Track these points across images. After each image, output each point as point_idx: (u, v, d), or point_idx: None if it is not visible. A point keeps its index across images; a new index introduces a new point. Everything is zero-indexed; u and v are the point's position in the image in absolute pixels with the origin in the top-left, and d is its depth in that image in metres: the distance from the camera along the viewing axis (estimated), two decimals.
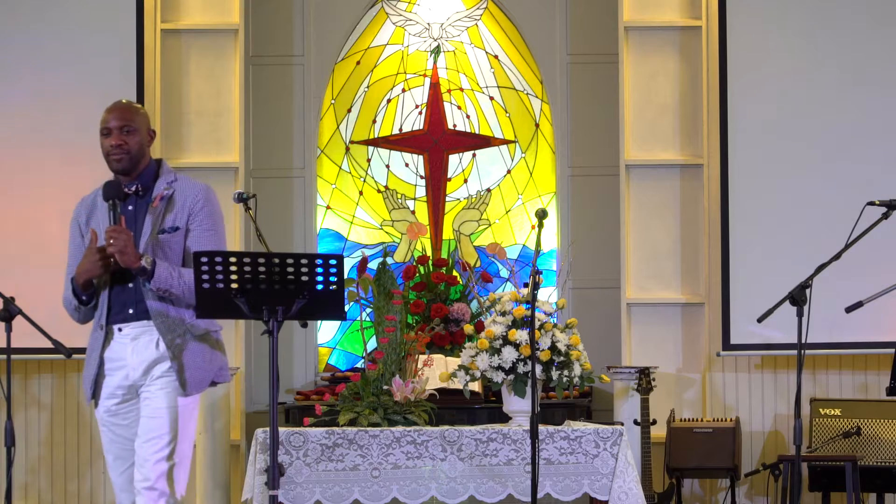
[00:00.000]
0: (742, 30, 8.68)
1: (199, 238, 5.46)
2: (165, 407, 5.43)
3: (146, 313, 5.42)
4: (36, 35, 8.62)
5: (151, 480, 5.38)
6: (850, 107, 8.59)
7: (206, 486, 8.26)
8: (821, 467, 8.17)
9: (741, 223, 8.62)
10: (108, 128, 5.47)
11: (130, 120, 5.48)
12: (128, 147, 5.46)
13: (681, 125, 8.86)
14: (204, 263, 5.00)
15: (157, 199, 5.45)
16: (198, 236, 5.47)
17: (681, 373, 8.79)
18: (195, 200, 5.50)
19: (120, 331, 5.46)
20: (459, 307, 8.70)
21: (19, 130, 8.61)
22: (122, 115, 5.49)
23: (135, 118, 5.50)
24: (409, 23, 9.46)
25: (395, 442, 6.19)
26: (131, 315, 5.44)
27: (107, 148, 5.47)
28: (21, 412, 8.68)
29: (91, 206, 5.57)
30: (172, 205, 5.48)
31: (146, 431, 5.43)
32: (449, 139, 9.43)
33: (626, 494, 6.18)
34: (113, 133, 5.46)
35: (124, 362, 5.46)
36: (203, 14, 8.90)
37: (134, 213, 5.47)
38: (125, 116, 5.49)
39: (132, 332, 5.45)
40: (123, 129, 5.47)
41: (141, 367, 5.44)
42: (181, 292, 5.38)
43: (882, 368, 8.54)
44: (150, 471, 5.39)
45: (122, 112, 5.50)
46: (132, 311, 5.44)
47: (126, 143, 5.46)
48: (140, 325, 5.45)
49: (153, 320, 5.41)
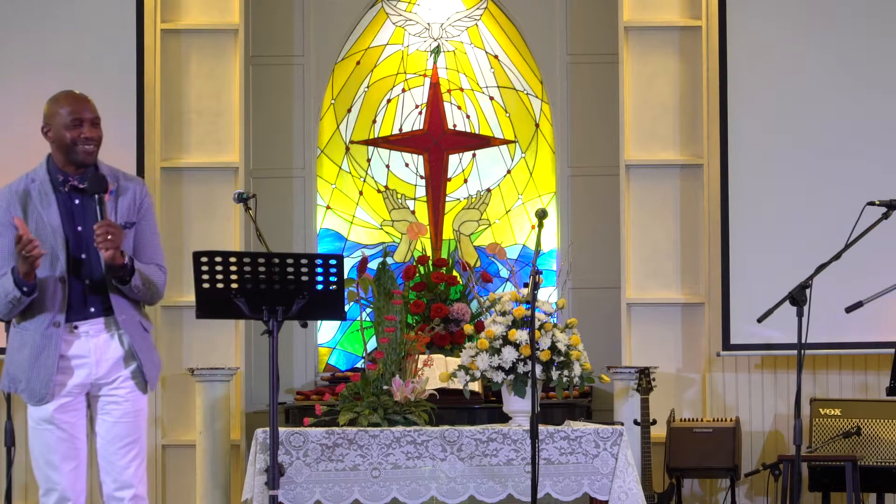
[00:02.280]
0: (742, 30, 8.68)
1: (146, 234, 5.41)
2: (134, 410, 5.40)
3: (109, 310, 5.31)
4: (36, 35, 8.62)
5: (135, 487, 5.39)
6: (850, 107, 8.59)
7: (206, 486, 8.26)
8: (821, 467, 8.17)
9: (741, 223, 8.62)
10: (81, 119, 5.35)
11: (97, 112, 5.41)
12: (98, 139, 5.39)
13: (681, 125, 8.86)
14: (204, 263, 4.99)
15: (106, 195, 5.33)
16: (144, 231, 5.41)
17: (681, 373, 8.79)
18: (141, 195, 5.46)
19: (76, 328, 5.32)
20: (459, 307, 8.70)
21: (19, 130, 8.60)
22: (90, 106, 5.40)
23: (97, 111, 5.42)
24: (409, 23, 9.46)
25: (395, 442, 6.19)
26: (92, 312, 5.32)
27: (74, 138, 5.33)
28: (21, 412, 8.65)
29: (24, 195, 5.35)
30: (119, 200, 5.40)
31: (118, 437, 5.38)
32: (449, 139, 9.43)
33: (626, 494, 6.18)
34: (86, 124, 5.35)
35: (86, 360, 5.34)
36: (203, 14, 8.90)
37: (82, 206, 5.35)
38: (93, 109, 5.40)
39: (90, 329, 5.33)
40: (94, 121, 5.39)
41: (105, 365, 5.35)
42: (146, 289, 5.32)
43: (882, 368, 8.54)
44: (130, 478, 5.37)
45: (89, 103, 5.41)
46: (93, 308, 5.32)
47: (97, 134, 5.38)
48: (99, 322, 5.33)
49: (118, 317, 5.30)
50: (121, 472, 5.37)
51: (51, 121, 5.38)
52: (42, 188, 5.36)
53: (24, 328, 5.34)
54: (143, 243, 5.42)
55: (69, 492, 5.37)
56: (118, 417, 5.38)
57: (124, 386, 5.38)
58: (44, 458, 5.38)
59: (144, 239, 5.42)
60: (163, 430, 8.75)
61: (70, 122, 5.34)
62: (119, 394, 5.38)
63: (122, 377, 5.38)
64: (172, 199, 8.80)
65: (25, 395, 5.39)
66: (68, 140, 5.34)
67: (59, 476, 5.36)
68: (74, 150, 5.35)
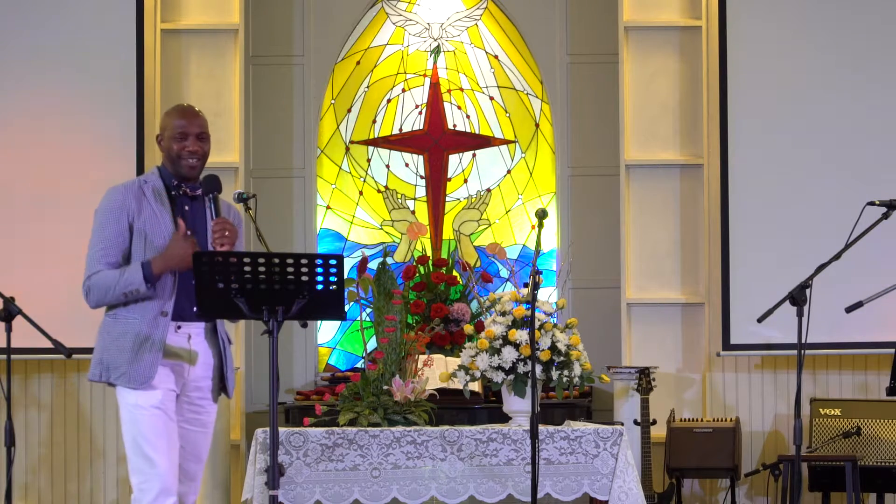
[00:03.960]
0: (742, 30, 8.68)
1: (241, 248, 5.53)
2: (210, 422, 5.51)
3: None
4: (36, 35, 8.62)
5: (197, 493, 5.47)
6: (850, 107, 8.59)
7: (206, 486, 8.26)
8: (821, 467, 8.17)
9: (741, 223, 8.62)
10: (186, 133, 5.44)
11: (204, 127, 5.51)
12: (202, 153, 5.48)
13: (681, 125, 8.86)
14: (204, 263, 4.99)
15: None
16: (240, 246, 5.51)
17: (681, 373, 8.79)
18: (238, 215, 5.59)
19: (179, 328, 5.39)
20: (459, 307, 8.70)
21: (19, 130, 8.61)
22: (199, 121, 5.49)
23: (206, 125, 5.53)
24: (409, 23, 9.46)
25: (395, 442, 6.19)
26: (191, 315, 5.35)
27: (179, 151, 5.43)
28: (21, 412, 8.68)
29: (138, 194, 5.46)
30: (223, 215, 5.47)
31: (198, 448, 5.46)
32: (449, 139, 9.43)
33: (626, 494, 6.18)
34: (190, 138, 5.44)
35: (182, 361, 5.40)
36: (203, 14, 8.90)
37: (192, 212, 5.44)
38: (202, 124, 5.50)
39: (191, 331, 5.40)
40: (199, 135, 5.48)
41: (199, 370, 5.43)
42: None
43: (882, 368, 8.54)
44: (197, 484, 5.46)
45: (198, 118, 5.50)
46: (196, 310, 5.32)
47: (201, 149, 5.48)
48: (200, 326, 5.42)
49: (217, 324, 5.43)
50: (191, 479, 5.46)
51: (163, 131, 5.51)
52: (156, 189, 5.47)
53: (125, 318, 5.35)
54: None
55: (170, 481, 5.31)
56: (198, 427, 5.46)
57: (208, 395, 5.47)
58: (147, 440, 5.30)
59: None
60: None
61: (177, 135, 5.45)
62: (202, 403, 5.47)
63: (207, 386, 5.47)
64: None
65: (124, 380, 5.33)
66: (174, 152, 5.46)
67: (162, 461, 5.29)
68: (179, 162, 5.45)
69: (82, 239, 8.52)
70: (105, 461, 8.73)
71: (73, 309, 8.42)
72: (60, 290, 8.48)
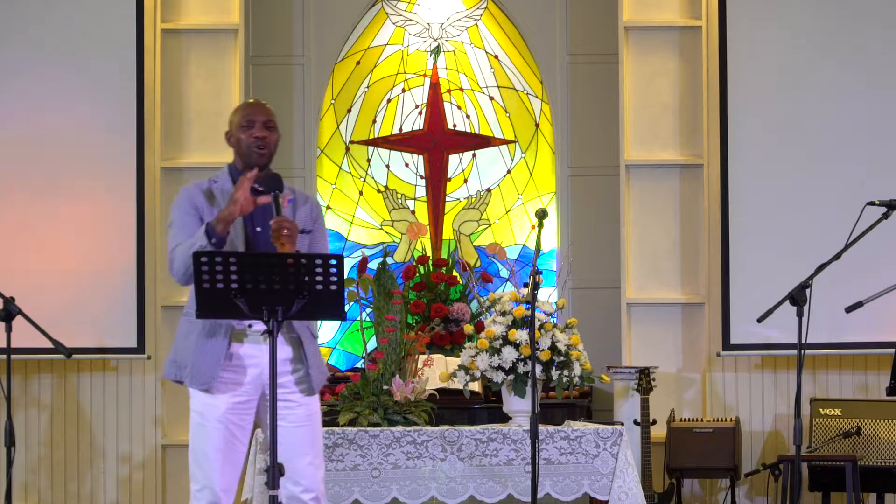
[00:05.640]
0: (742, 30, 8.68)
1: (319, 243, 5.55)
2: (307, 414, 5.41)
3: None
4: (36, 35, 8.62)
5: (316, 492, 5.39)
6: (850, 106, 8.59)
7: None
8: (821, 467, 8.17)
9: (741, 223, 8.62)
10: (252, 120, 5.48)
11: (272, 116, 5.53)
12: (269, 141, 5.49)
13: (681, 125, 8.86)
14: (204, 263, 4.99)
15: (286, 200, 5.44)
16: (318, 240, 5.54)
17: (681, 373, 8.79)
18: (317, 208, 5.60)
19: (250, 326, 5.35)
20: (459, 307, 8.70)
21: (19, 129, 8.61)
22: (264, 110, 5.53)
23: (274, 116, 5.55)
24: (409, 23, 9.46)
25: (395, 442, 6.20)
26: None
27: (247, 140, 5.46)
28: (21, 412, 8.68)
29: (208, 192, 5.50)
30: (298, 209, 5.50)
31: (299, 442, 5.38)
32: (449, 139, 9.43)
33: (626, 494, 6.18)
34: (256, 125, 5.47)
35: (258, 359, 5.36)
36: (203, 14, 8.90)
37: (262, 209, 5.41)
38: (267, 112, 5.53)
39: (262, 329, 5.30)
40: (266, 123, 5.50)
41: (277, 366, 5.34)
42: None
43: (882, 368, 8.54)
44: (311, 480, 5.37)
45: (264, 108, 5.54)
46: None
47: (268, 137, 5.48)
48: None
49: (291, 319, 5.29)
50: (302, 475, 5.37)
51: (230, 126, 5.54)
52: (224, 189, 5.48)
53: (193, 315, 5.31)
54: (316, 250, 5.52)
55: (222, 494, 5.35)
56: (294, 422, 5.39)
57: (294, 390, 5.41)
58: (205, 455, 5.34)
59: (318, 247, 5.55)
60: (163, 430, 8.75)
61: (244, 123, 5.49)
62: (292, 398, 5.40)
63: (290, 381, 5.41)
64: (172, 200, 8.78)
65: (188, 380, 5.36)
66: (243, 142, 5.48)
67: (217, 477, 5.32)
68: (247, 151, 5.47)
69: (82, 238, 8.59)
70: (105, 461, 8.73)
71: (73, 309, 8.47)
72: (60, 290, 8.48)
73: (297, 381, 5.42)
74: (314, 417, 5.45)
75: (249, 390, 5.37)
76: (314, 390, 5.45)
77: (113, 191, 8.56)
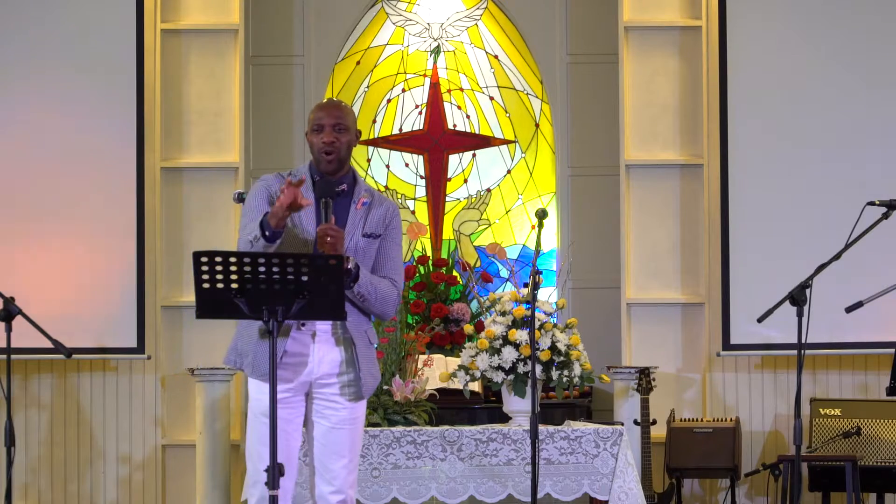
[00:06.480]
0: (742, 30, 8.68)
1: (389, 250, 5.47)
2: (351, 418, 5.36)
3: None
4: (36, 35, 8.62)
5: (346, 495, 5.35)
6: (850, 107, 8.59)
7: (205, 487, 8.26)
8: (821, 467, 8.17)
9: (741, 223, 8.62)
10: (321, 124, 5.38)
11: (342, 118, 5.40)
12: (338, 145, 5.39)
13: (681, 125, 8.86)
14: (204, 263, 4.98)
15: (359, 203, 5.40)
16: (388, 247, 5.47)
17: (681, 373, 8.79)
18: (392, 213, 5.49)
19: (302, 325, 5.32)
20: (459, 307, 8.70)
21: (19, 130, 8.61)
22: (334, 111, 5.40)
23: (346, 117, 5.42)
24: (409, 23, 9.47)
25: (395, 442, 6.20)
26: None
27: (319, 145, 5.38)
28: (21, 412, 8.68)
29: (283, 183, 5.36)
30: (371, 212, 5.43)
31: (334, 443, 5.34)
32: (449, 139, 9.43)
33: (626, 494, 6.18)
34: (325, 129, 5.37)
35: (307, 358, 5.33)
36: (203, 14, 8.90)
37: (336, 211, 5.36)
38: (337, 114, 5.39)
39: (317, 328, 5.31)
40: (336, 126, 5.39)
41: (325, 367, 5.32)
42: (374, 300, 5.34)
43: (882, 368, 8.54)
44: (343, 483, 5.33)
45: (334, 109, 5.41)
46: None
47: (337, 140, 5.39)
48: (323, 325, 5.33)
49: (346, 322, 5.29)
50: (334, 476, 5.34)
51: (308, 125, 5.47)
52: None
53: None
54: (384, 257, 5.47)
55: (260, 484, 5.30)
56: (335, 423, 5.35)
57: (342, 391, 5.36)
58: (256, 450, 5.33)
59: (386, 253, 5.48)
60: (163, 430, 8.75)
61: (314, 127, 5.41)
62: (337, 400, 5.35)
63: (339, 383, 5.36)
64: (172, 199, 8.80)
65: (249, 369, 5.34)
66: (313, 147, 5.42)
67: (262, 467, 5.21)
68: (317, 157, 5.42)
69: (82, 238, 8.59)
70: (105, 461, 8.73)
71: (73, 309, 8.47)
72: (60, 290, 8.48)
73: (346, 384, 5.37)
74: (357, 422, 5.40)
75: (295, 388, 5.34)
76: (363, 396, 5.39)
77: (113, 190, 8.56)
